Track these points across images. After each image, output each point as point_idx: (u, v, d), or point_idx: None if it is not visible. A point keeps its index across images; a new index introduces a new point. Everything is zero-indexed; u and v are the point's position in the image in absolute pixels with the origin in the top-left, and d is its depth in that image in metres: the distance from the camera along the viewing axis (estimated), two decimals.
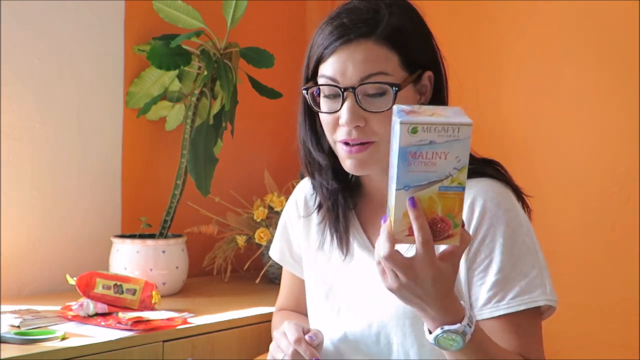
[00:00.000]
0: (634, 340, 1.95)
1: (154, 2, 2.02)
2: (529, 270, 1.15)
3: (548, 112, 2.13)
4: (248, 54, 2.01)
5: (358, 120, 1.17)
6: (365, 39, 1.17)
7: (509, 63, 2.18)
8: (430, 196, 0.94)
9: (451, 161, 0.93)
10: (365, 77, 1.16)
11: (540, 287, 1.15)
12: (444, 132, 0.91)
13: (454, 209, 0.95)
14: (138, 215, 2.07)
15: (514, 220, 1.18)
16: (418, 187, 0.94)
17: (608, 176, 2.02)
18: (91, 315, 1.64)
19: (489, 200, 1.18)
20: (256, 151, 2.47)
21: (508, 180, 1.23)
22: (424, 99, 1.23)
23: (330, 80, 1.19)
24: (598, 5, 2.03)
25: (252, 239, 2.14)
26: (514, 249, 1.16)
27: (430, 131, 0.91)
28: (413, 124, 0.91)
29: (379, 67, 1.17)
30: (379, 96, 1.17)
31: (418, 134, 0.92)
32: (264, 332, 1.76)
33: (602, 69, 2.03)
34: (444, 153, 0.92)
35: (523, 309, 1.14)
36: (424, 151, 0.92)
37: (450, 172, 0.93)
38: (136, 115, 2.09)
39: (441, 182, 0.93)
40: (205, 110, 2.04)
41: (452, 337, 1.03)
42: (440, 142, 0.92)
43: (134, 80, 2.12)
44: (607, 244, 2.02)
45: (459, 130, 0.92)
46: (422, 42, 1.22)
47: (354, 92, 1.16)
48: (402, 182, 0.94)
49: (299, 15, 2.64)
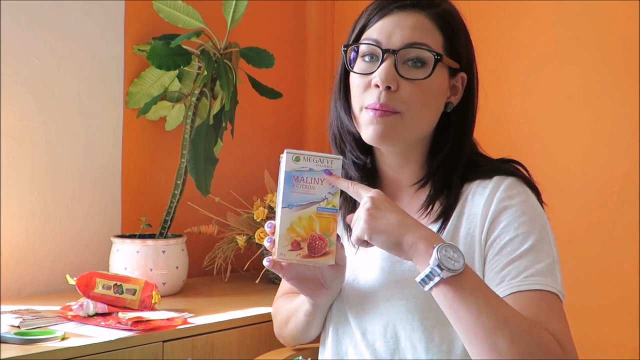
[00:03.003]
0: (634, 340, 1.95)
1: (154, 2, 2.03)
2: (545, 257, 1.14)
3: (548, 112, 2.13)
4: (248, 54, 2.01)
5: (391, 81, 1.17)
6: (420, 10, 1.21)
7: (508, 63, 2.18)
8: (310, 215, 1.13)
9: (326, 187, 1.15)
10: (409, 44, 1.18)
11: (552, 276, 1.12)
12: (320, 162, 1.15)
13: (329, 228, 1.14)
14: (138, 215, 2.07)
15: (530, 210, 1.18)
16: (300, 206, 1.13)
17: (608, 176, 2.02)
18: (91, 315, 1.64)
19: (504, 192, 1.18)
20: (256, 151, 2.47)
21: (526, 177, 1.24)
22: (453, 99, 1.25)
23: (375, 42, 1.20)
24: (598, 5, 2.03)
25: (252, 239, 2.14)
26: (530, 233, 1.15)
27: (309, 160, 1.15)
28: (296, 154, 1.14)
29: (425, 39, 1.19)
30: (417, 67, 1.19)
31: (300, 162, 1.14)
32: (264, 332, 1.76)
33: (602, 69, 2.03)
34: (320, 180, 1.14)
35: (538, 288, 1.10)
36: (305, 176, 1.14)
37: (325, 196, 1.14)
38: (136, 115, 2.09)
39: (319, 204, 1.14)
40: (205, 110, 2.04)
41: (450, 253, 1.04)
42: (317, 170, 1.15)
43: (134, 80, 2.12)
44: (607, 244, 2.02)
45: (332, 162, 1.15)
46: (465, 39, 1.25)
47: (394, 55, 1.18)
48: (286, 201, 1.13)
49: (299, 15, 2.64)
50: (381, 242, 1.09)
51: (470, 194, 1.22)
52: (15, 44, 1.91)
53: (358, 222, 1.10)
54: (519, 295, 1.10)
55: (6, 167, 1.91)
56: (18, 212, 1.93)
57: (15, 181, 1.93)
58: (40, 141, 1.97)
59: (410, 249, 1.07)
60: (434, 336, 1.18)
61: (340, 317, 1.29)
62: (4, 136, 1.90)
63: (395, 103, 1.18)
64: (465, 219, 1.21)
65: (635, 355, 1.94)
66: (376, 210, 1.09)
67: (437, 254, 1.04)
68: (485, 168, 1.24)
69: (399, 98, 1.18)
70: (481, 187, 1.21)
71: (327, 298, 1.28)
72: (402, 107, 1.18)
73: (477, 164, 1.25)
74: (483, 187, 1.21)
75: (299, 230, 1.13)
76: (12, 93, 1.91)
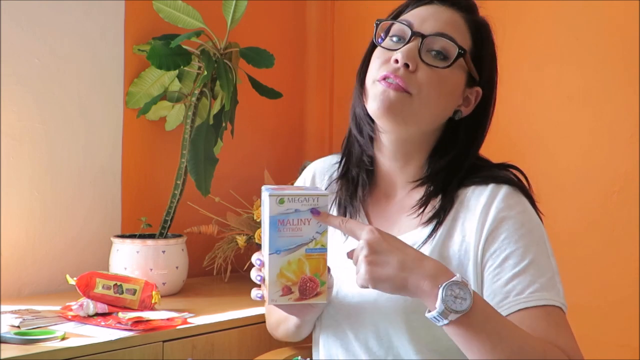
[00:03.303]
0: (634, 340, 1.95)
1: (154, 2, 2.02)
2: (545, 272, 1.14)
3: (548, 112, 2.13)
4: (248, 54, 2.01)
5: (411, 60, 1.18)
6: (458, 10, 1.23)
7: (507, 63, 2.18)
8: (299, 258, 1.08)
9: (314, 226, 1.08)
10: (438, 33, 1.20)
11: (554, 289, 1.13)
12: (305, 201, 1.08)
13: (319, 268, 1.09)
14: (138, 215, 2.07)
15: (528, 221, 1.18)
16: (288, 250, 1.08)
17: (608, 176, 2.02)
18: (91, 315, 1.64)
19: (502, 202, 1.18)
20: (256, 151, 2.47)
21: (522, 186, 1.23)
22: (464, 110, 1.25)
23: (408, 23, 1.21)
24: (598, 5, 2.03)
25: (252, 239, 2.14)
26: (530, 246, 1.15)
27: (294, 201, 1.07)
28: (280, 196, 1.07)
29: (456, 35, 1.21)
30: (439, 58, 1.20)
31: (285, 204, 1.07)
32: (264, 332, 1.76)
33: (602, 69, 2.03)
34: (307, 220, 1.08)
35: (543, 304, 1.11)
36: (291, 218, 1.07)
37: (314, 236, 1.08)
38: (136, 115, 2.09)
39: (307, 245, 1.08)
40: (205, 110, 2.04)
41: (457, 292, 1.01)
42: (303, 209, 1.08)
43: (134, 80, 2.12)
44: (607, 244, 2.02)
45: (318, 200, 1.08)
46: (490, 55, 1.28)
47: (421, 39, 1.19)
48: (274, 247, 1.08)
49: (299, 15, 2.64)
50: (386, 289, 1.06)
51: (466, 199, 1.21)
52: (15, 44, 1.91)
53: (359, 270, 1.06)
54: (527, 312, 1.11)
55: (6, 167, 1.91)
56: (18, 212, 1.93)
57: (15, 181, 1.92)
58: (40, 141, 1.97)
59: (416, 290, 1.04)
60: (421, 336, 1.18)
61: (331, 319, 1.29)
62: (4, 136, 1.90)
63: (409, 82, 1.18)
64: (460, 224, 1.20)
65: (635, 355, 1.94)
66: (375, 256, 1.04)
67: (443, 294, 1.01)
68: (483, 174, 1.23)
69: (414, 79, 1.18)
70: (477, 193, 1.21)
71: (313, 315, 1.28)
72: (414, 89, 1.18)
73: (474, 168, 1.24)
74: (479, 194, 1.20)
75: (288, 275, 1.09)
76: (12, 93, 1.91)
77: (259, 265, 1.14)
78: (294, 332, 1.35)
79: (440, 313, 1.01)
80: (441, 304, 1.01)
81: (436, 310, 1.02)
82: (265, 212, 1.10)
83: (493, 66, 1.28)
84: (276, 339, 1.49)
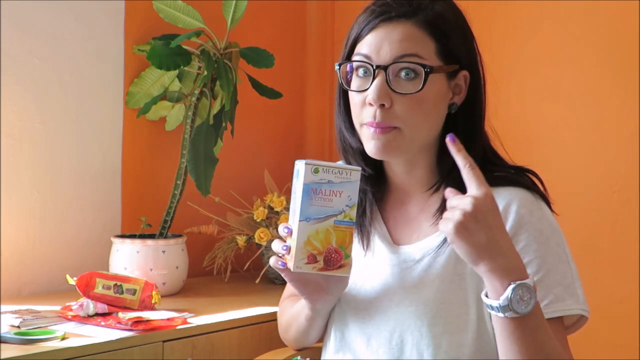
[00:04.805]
0: (634, 340, 1.95)
1: (154, 2, 2.02)
2: (562, 279, 1.15)
3: (548, 112, 2.13)
4: (248, 54, 2.01)
5: (384, 98, 1.16)
6: (406, 19, 1.18)
7: (507, 63, 2.18)
8: (327, 228, 1.12)
9: (344, 199, 1.13)
10: (399, 57, 1.16)
11: (573, 297, 1.15)
12: (339, 173, 1.12)
13: (345, 241, 1.13)
14: (138, 215, 2.07)
15: (547, 228, 1.18)
16: (317, 219, 1.12)
17: (608, 176, 2.02)
18: (91, 315, 1.64)
19: (523, 207, 1.18)
20: (256, 151, 2.47)
21: (541, 192, 1.23)
22: (457, 99, 1.22)
23: (364, 57, 1.19)
24: (598, 5, 2.03)
25: (252, 239, 2.14)
26: (547, 256, 1.15)
27: (328, 172, 1.12)
28: (315, 165, 1.12)
29: (414, 49, 1.17)
30: (409, 79, 1.16)
31: (319, 174, 1.12)
32: (264, 332, 1.76)
33: (602, 69, 2.03)
34: (339, 192, 1.12)
35: (558, 316, 1.13)
36: (324, 189, 1.12)
37: (343, 209, 1.13)
38: (136, 115, 2.09)
39: (336, 217, 1.13)
40: (205, 110, 2.04)
41: (525, 294, 1.02)
42: (336, 182, 1.12)
43: (134, 80, 2.12)
44: (607, 244, 2.02)
45: (351, 174, 1.13)
46: (461, 38, 1.22)
47: (385, 71, 1.16)
48: (304, 214, 1.12)
49: (299, 15, 2.64)
50: (459, 252, 1.05)
51: None
52: (15, 44, 1.91)
53: (448, 221, 1.04)
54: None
55: (6, 167, 1.91)
56: (18, 212, 1.93)
57: (15, 181, 1.92)
58: (40, 141, 1.97)
59: (486, 273, 1.05)
60: (442, 343, 1.17)
61: (342, 322, 1.28)
62: (4, 136, 1.90)
63: (391, 119, 1.17)
64: None
65: (635, 355, 1.94)
66: (471, 222, 1.02)
67: (512, 293, 1.02)
68: (502, 176, 1.22)
69: (394, 114, 1.17)
70: (496, 196, 1.19)
71: (326, 304, 1.28)
72: (399, 123, 1.17)
73: (493, 169, 1.23)
74: (498, 197, 1.17)
75: (315, 244, 1.12)
76: (12, 93, 1.91)
77: (287, 234, 1.15)
78: (305, 329, 1.33)
79: (501, 307, 1.03)
80: (505, 300, 1.02)
81: (498, 303, 1.03)
82: (298, 181, 1.14)
83: (469, 44, 1.24)
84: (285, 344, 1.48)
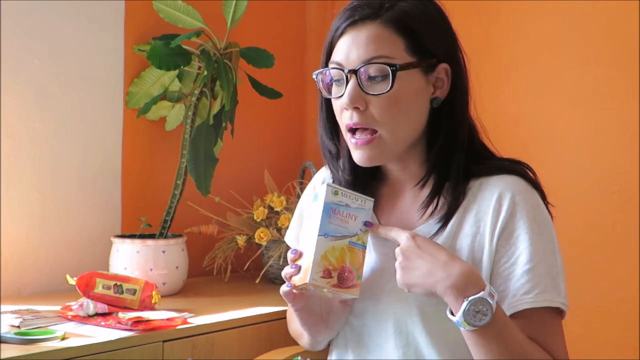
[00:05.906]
0: (634, 340, 1.95)
1: (154, 2, 2.03)
2: (550, 270, 1.16)
3: (548, 112, 2.13)
4: (248, 54, 2.01)
5: (357, 101, 1.17)
6: (371, 21, 1.18)
7: (507, 63, 2.19)
8: (342, 247, 1.18)
9: (359, 224, 1.20)
10: (367, 60, 1.17)
11: (556, 289, 1.16)
12: (355, 200, 1.20)
13: (357, 262, 1.18)
14: (138, 215, 2.07)
15: (539, 217, 1.19)
16: (334, 237, 1.18)
17: (608, 176, 2.02)
18: (91, 315, 1.64)
19: (517, 194, 1.19)
20: (256, 151, 2.47)
21: (534, 181, 1.24)
22: (439, 93, 1.22)
23: (337, 65, 1.20)
24: (598, 5, 2.03)
25: (252, 239, 2.14)
26: (539, 245, 1.17)
27: (346, 196, 1.20)
28: (335, 188, 1.20)
29: (382, 51, 1.17)
30: (380, 80, 1.17)
31: (338, 196, 1.19)
32: (264, 332, 1.77)
33: (602, 69, 2.03)
34: (355, 216, 1.20)
35: (547, 305, 1.15)
36: (341, 210, 1.19)
37: (357, 232, 1.20)
38: (136, 115, 2.09)
39: (351, 238, 1.19)
40: (205, 110, 2.04)
41: (479, 308, 1.06)
42: (352, 206, 1.20)
43: (134, 80, 2.12)
44: (607, 244, 2.02)
45: (365, 202, 1.21)
46: (435, 31, 1.21)
47: (355, 74, 1.17)
48: (323, 230, 1.17)
49: (299, 15, 2.64)
50: (419, 292, 1.14)
51: (478, 190, 1.21)
52: (15, 44, 1.91)
53: (397, 274, 1.15)
54: (532, 312, 1.15)
55: (6, 167, 1.91)
56: (18, 212, 1.93)
57: (15, 181, 1.93)
58: (40, 141, 1.97)
59: (443, 296, 1.11)
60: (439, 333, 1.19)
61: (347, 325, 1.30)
62: (4, 136, 1.90)
63: (367, 121, 1.18)
64: (472, 215, 1.20)
65: (635, 355, 1.94)
66: (407, 262, 1.14)
67: (465, 308, 1.07)
68: (494, 165, 1.24)
69: (371, 116, 1.18)
70: (490, 184, 1.21)
71: (325, 337, 1.31)
72: (376, 124, 1.18)
73: (484, 160, 1.25)
74: (492, 185, 1.20)
75: (331, 260, 1.17)
76: (12, 93, 1.91)
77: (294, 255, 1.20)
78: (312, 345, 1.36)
79: (460, 322, 1.08)
80: (461, 316, 1.07)
81: (456, 319, 1.09)
82: (317, 202, 1.20)
83: (445, 36, 1.23)
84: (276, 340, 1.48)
